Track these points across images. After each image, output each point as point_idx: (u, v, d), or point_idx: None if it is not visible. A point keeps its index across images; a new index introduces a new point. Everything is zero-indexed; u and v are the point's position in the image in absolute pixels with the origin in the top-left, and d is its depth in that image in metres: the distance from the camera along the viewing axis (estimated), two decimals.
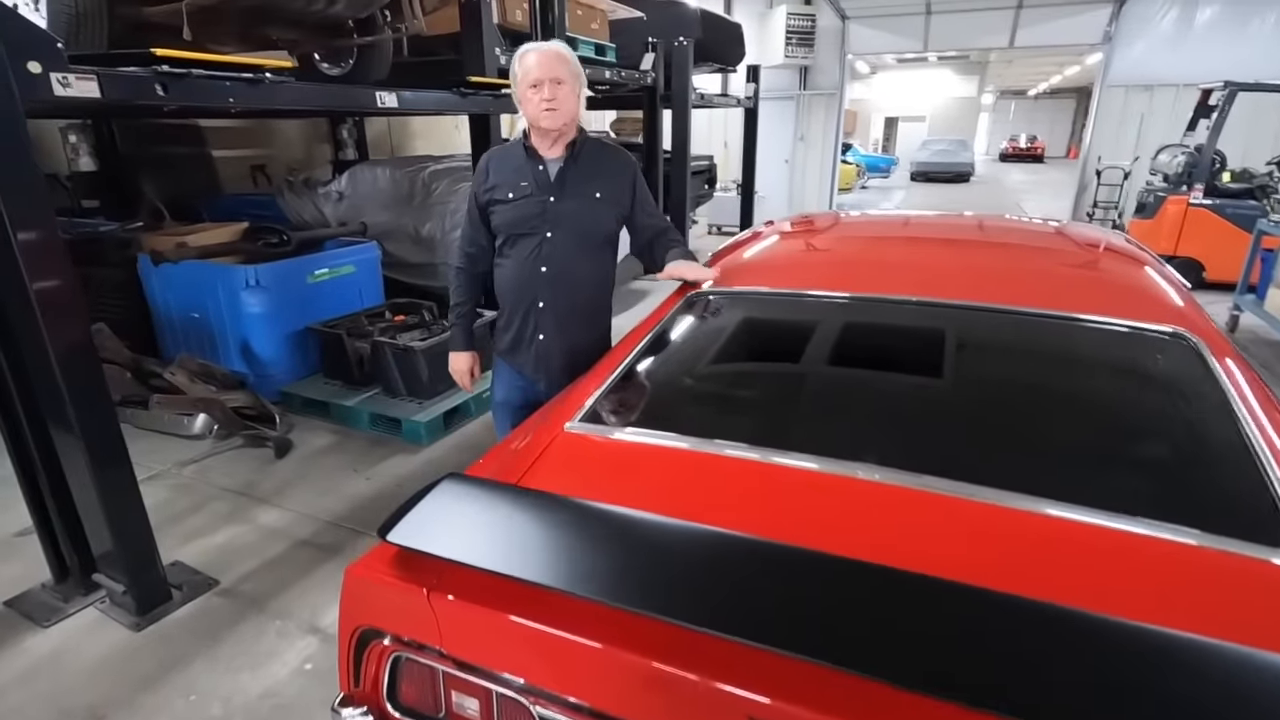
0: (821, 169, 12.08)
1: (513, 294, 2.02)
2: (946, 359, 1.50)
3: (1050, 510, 1.03)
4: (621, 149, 2.07)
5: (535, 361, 2.04)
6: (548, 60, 1.84)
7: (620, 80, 6.09)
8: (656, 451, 1.25)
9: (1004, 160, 30.67)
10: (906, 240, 2.41)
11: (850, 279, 1.84)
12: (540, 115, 1.85)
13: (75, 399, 2.08)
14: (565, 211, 1.93)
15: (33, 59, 1.91)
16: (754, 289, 1.85)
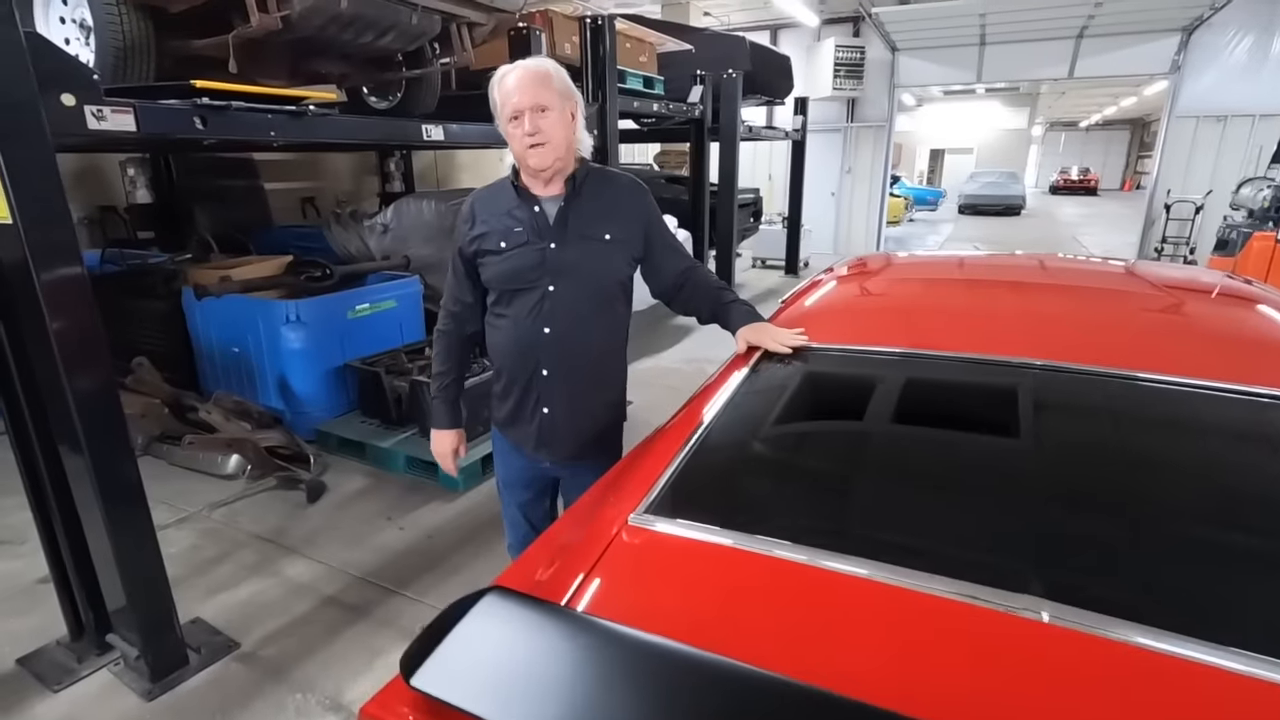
0: (869, 202, 11.80)
1: (510, 360, 1.69)
2: (1105, 450, 1.24)
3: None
4: (630, 176, 1.75)
5: (539, 438, 1.72)
6: (527, 84, 1.51)
7: (667, 113, 5.97)
8: (750, 560, 1.01)
9: (1055, 193, 29.85)
10: (996, 287, 2.14)
11: (961, 335, 1.59)
12: (527, 154, 1.54)
13: (92, 447, 1.93)
14: (569, 260, 1.60)
15: (67, 91, 1.81)
16: (846, 347, 1.58)
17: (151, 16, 2.56)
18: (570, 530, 1.17)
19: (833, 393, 1.51)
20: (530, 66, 1.54)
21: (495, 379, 1.78)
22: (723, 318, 1.75)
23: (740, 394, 1.47)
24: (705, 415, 1.38)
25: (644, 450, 1.39)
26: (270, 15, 2.54)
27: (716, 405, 1.41)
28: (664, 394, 4.83)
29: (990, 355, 1.46)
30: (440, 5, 3.13)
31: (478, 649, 0.84)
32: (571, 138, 1.58)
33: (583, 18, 4.27)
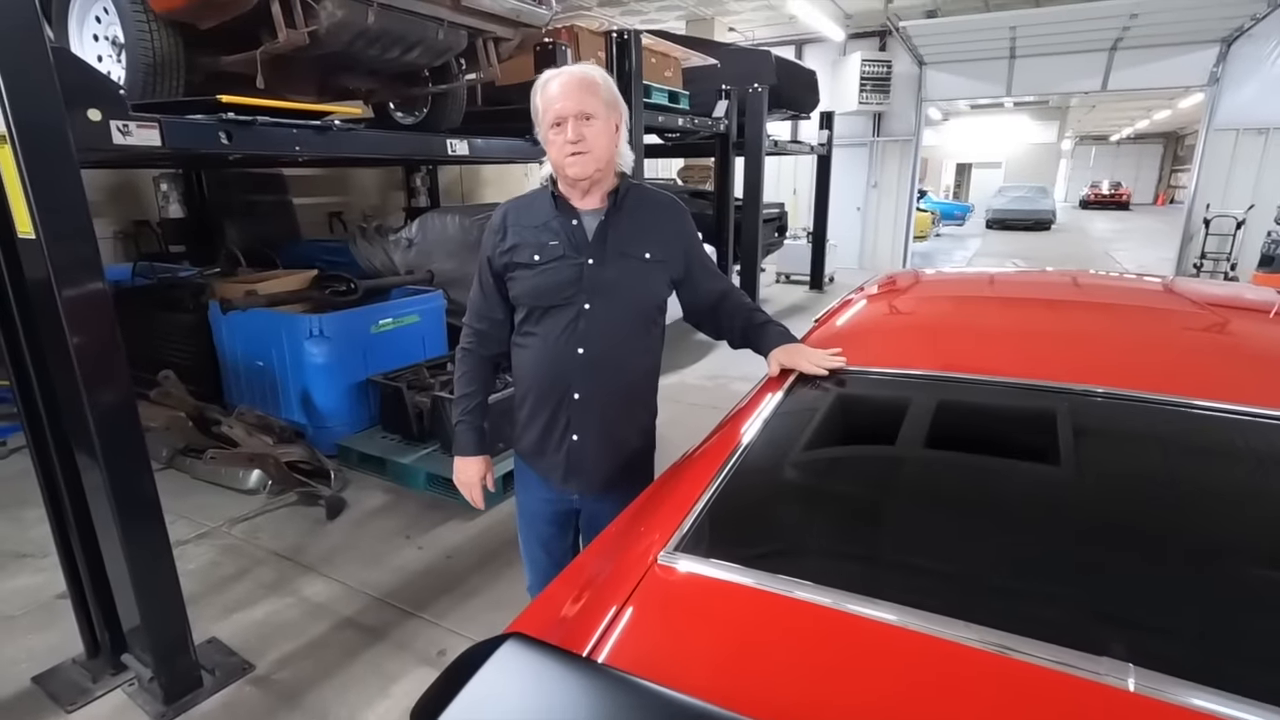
0: (896, 217, 11.64)
1: (539, 382, 1.58)
2: (1162, 486, 1.14)
3: None
4: (671, 196, 1.68)
5: (567, 469, 1.60)
6: (573, 90, 1.44)
7: (692, 127, 5.94)
8: (788, 606, 0.92)
9: (1085, 207, 29.33)
10: (1037, 305, 2.04)
11: (1003, 358, 1.49)
12: (565, 162, 1.46)
13: (109, 463, 1.91)
14: (607, 277, 1.51)
15: (92, 106, 1.81)
16: (884, 370, 1.50)
17: (181, 33, 2.57)
18: (594, 568, 1.09)
19: (871, 418, 1.42)
20: (577, 72, 1.47)
21: (520, 402, 1.66)
22: (755, 340, 1.67)
23: (774, 420, 1.38)
24: (737, 442, 1.30)
25: (673, 480, 1.31)
26: (297, 31, 2.54)
27: (750, 432, 1.33)
28: (687, 411, 4.76)
29: (1035, 380, 1.37)
30: (466, 20, 3.12)
31: (495, 704, 0.77)
32: (614, 150, 1.51)
33: (608, 32, 4.25)
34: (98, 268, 1.83)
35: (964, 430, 1.33)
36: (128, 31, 2.49)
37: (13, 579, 2.85)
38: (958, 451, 1.29)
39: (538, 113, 1.49)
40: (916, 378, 1.45)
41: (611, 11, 10.07)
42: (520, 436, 1.69)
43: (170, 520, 3.28)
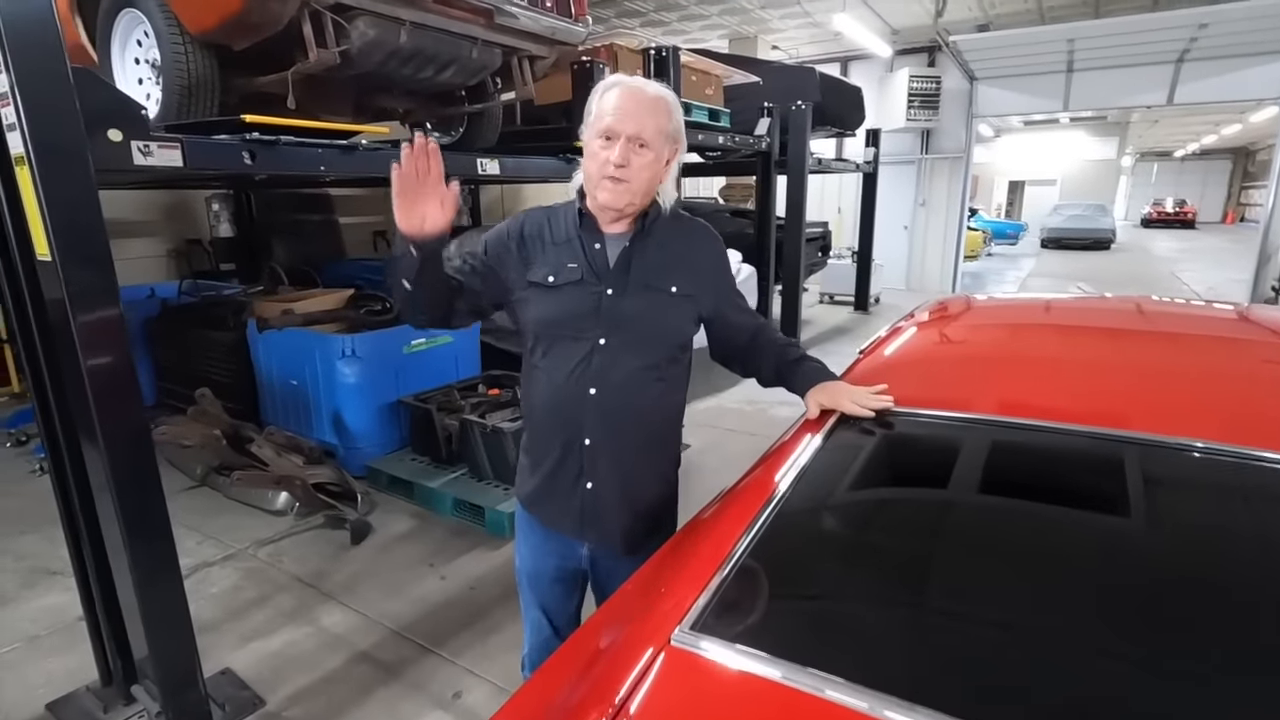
0: (945, 236, 11.27)
1: (547, 421, 1.43)
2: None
3: None
4: (705, 223, 1.52)
5: (580, 518, 1.44)
6: (635, 108, 1.28)
7: (733, 145, 5.82)
8: (825, 711, 0.77)
9: (1147, 226, 28.14)
10: (1106, 338, 1.83)
11: (1074, 401, 1.31)
12: (601, 184, 1.30)
13: (120, 490, 1.85)
14: (628, 311, 1.35)
15: (114, 127, 1.78)
16: (938, 414, 1.32)
17: (216, 55, 2.57)
18: (599, 644, 0.95)
19: (924, 470, 1.25)
20: (647, 91, 1.31)
21: (527, 441, 1.52)
22: (789, 377, 1.50)
23: (811, 469, 1.23)
24: (769, 495, 1.15)
25: (694, 538, 1.16)
26: (328, 51, 2.51)
27: (783, 483, 1.18)
28: (722, 437, 4.59)
29: (1112, 430, 1.18)
30: (500, 39, 3.07)
31: None
32: (656, 185, 1.37)
33: (647, 49, 4.18)
34: (113, 291, 1.79)
35: (1034, 489, 1.15)
36: (164, 53, 2.50)
37: (41, 597, 2.86)
38: (1027, 515, 1.11)
39: (589, 116, 1.34)
40: (975, 422, 1.28)
41: (654, 31, 10.09)
42: (525, 480, 1.52)
43: (198, 541, 3.31)
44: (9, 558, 3.16)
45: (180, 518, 3.46)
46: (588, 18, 3.39)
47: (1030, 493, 1.16)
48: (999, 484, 1.15)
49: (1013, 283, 12.94)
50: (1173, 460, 1.14)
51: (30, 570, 3.04)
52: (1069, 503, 1.12)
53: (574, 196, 1.42)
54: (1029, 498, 1.15)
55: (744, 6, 9.17)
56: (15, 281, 1.88)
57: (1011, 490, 1.14)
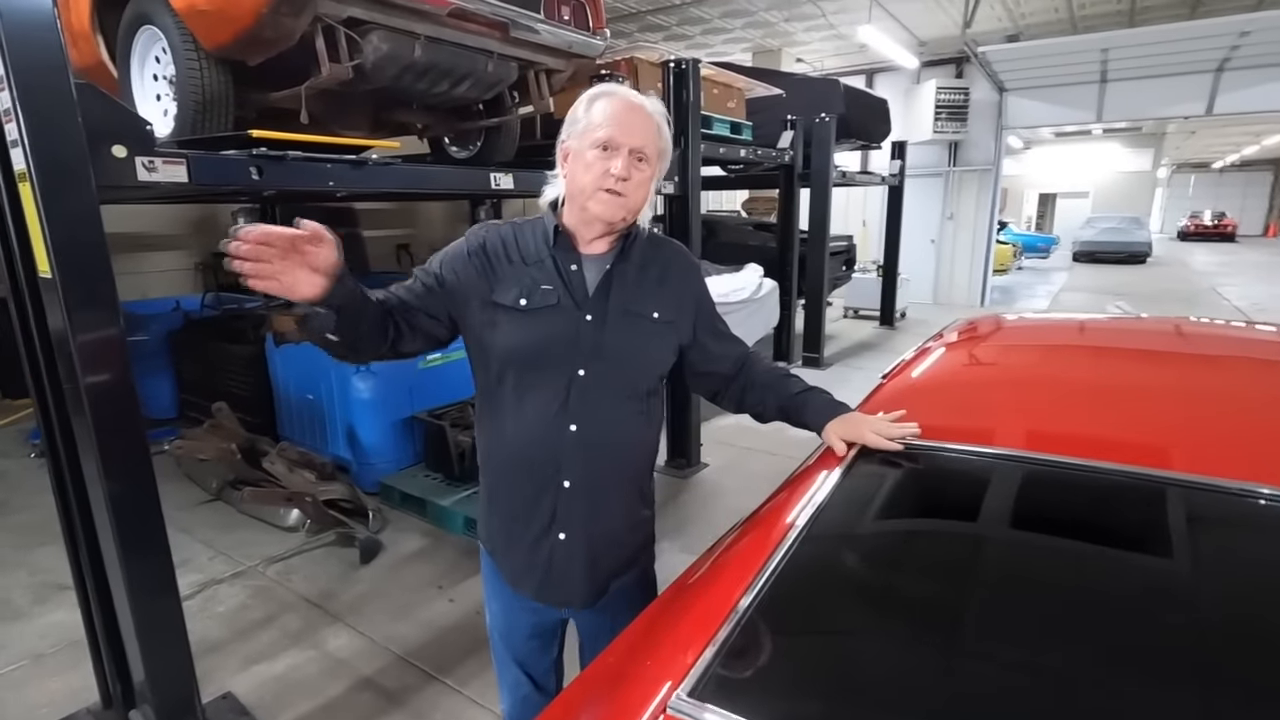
0: (974, 249, 11.05)
1: (518, 466, 1.28)
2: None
3: None
4: (679, 244, 1.42)
5: (547, 576, 1.30)
6: (636, 121, 1.20)
7: (755, 158, 5.74)
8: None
9: (1184, 239, 27.42)
10: (1155, 364, 1.71)
11: (1123, 438, 1.20)
12: (597, 195, 1.20)
13: (118, 512, 1.81)
14: (610, 340, 1.24)
15: (118, 142, 1.76)
16: (972, 449, 1.21)
17: (231, 70, 2.56)
18: (586, 709, 0.86)
19: (954, 513, 1.15)
20: (647, 107, 1.23)
21: (489, 490, 1.36)
22: (797, 412, 1.37)
23: (827, 511, 1.13)
24: (779, 539, 1.06)
25: (694, 587, 1.07)
26: (341, 65, 2.49)
27: (795, 527, 1.08)
28: (741, 456, 4.47)
29: (1166, 472, 1.07)
30: (516, 52, 3.03)
31: None
32: (644, 203, 1.28)
33: (666, 62, 4.12)
34: (114, 309, 1.76)
35: (1077, 535, 1.04)
36: (179, 69, 2.49)
37: (51, 613, 2.84)
38: (1072, 567, 1.00)
39: (577, 124, 1.23)
40: (1009, 459, 1.17)
41: (676, 46, 10.08)
42: (487, 528, 1.40)
43: (210, 556, 3.29)
44: (24, 571, 3.16)
45: (194, 532, 3.49)
46: (606, 31, 3.34)
47: (1073, 540, 1.05)
48: (1037, 530, 1.04)
49: (1044, 297, 12.62)
50: (1227, 506, 1.03)
51: (43, 584, 3.03)
52: (1117, 554, 1.01)
53: (545, 211, 1.32)
54: (1072, 546, 1.04)
55: (768, 20, 9.12)
56: (20, 298, 1.85)
57: (1052, 538, 1.03)
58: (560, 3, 3.05)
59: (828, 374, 6.86)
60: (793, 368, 7.03)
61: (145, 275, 6.64)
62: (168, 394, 5.14)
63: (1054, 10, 8.73)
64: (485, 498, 1.39)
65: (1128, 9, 8.68)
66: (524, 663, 1.46)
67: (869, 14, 8.36)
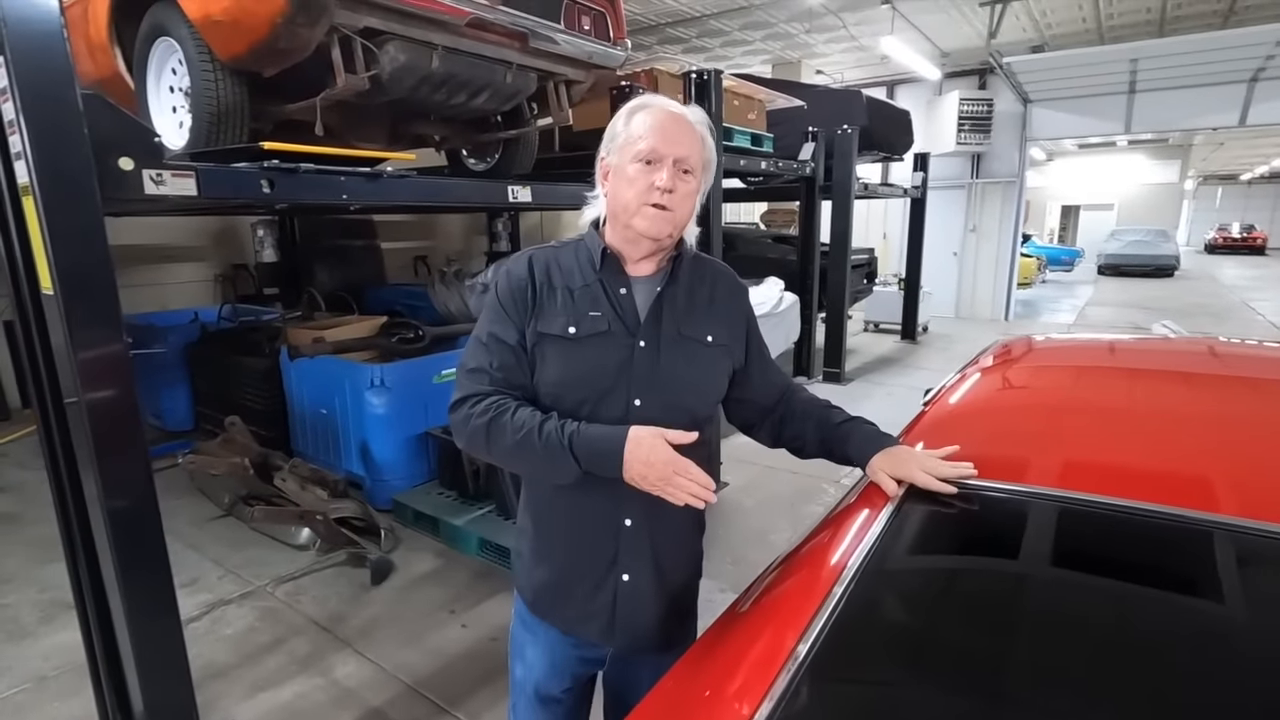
0: (997, 262, 10.85)
1: (570, 510, 1.19)
2: None
3: None
4: (722, 263, 1.35)
5: (610, 618, 1.20)
6: (681, 133, 1.13)
7: (776, 171, 5.65)
8: None
9: (1211, 252, 26.90)
10: (1234, 395, 1.58)
11: (1210, 481, 1.07)
12: (642, 211, 1.12)
13: (117, 538, 1.75)
14: (665, 366, 1.16)
15: (125, 155, 1.70)
16: (1043, 491, 1.08)
17: (247, 82, 2.52)
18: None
19: (1026, 560, 1.03)
20: (689, 116, 1.16)
21: (536, 532, 1.26)
22: (839, 443, 1.26)
23: (882, 554, 1.02)
24: (831, 584, 0.95)
25: (742, 632, 0.96)
26: (357, 76, 2.44)
27: (847, 569, 0.97)
28: (762, 475, 4.35)
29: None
30: (535, 63, 2.97)
31: None
32: (691, 217, 1.21)
33: (687, 73, 4.05)
34: (117, 326, 1.70)
35: (1170, 588, 0.92)
36: (194, 80, 2.46)
37: (57, 633, 2.78)
38: (1176, 638, 0.88)
39: (616, 139, 1.16)
40: (1086, 504, 1.05)
41: (696, 58, 10.04)
42: (530, 576, 1.27)
43: (220, 575, 3.22)
44: (33, 587, 3.12)
45: (205, 549, 3.43)
46: (626, 41, 3.28)
47: (1162, 592, 0.93)
48: (1121, 581, 0.93)
49: (1069, 311, 12.36)
50: None
51: (50, 602, 2.98)
52: (1218, 612, 0.89)
53: (587, 231, 1.24)
54: (1163, 601, 0.92)
55: (788, 31, 9.05)
56: (24, 313, 1.80)
57: (1141, 591, 0.91)
58: (580, 12, 2.99)
59: (849, 389, 6.71)
60: (813, 383, 6.89)
61: (166, 287, 6.68)
62: (184, 406, 5.12)
63: (1081, 21, 8.58)
64: (530, 545, 1.28)
65: (1157, 19, 8.51)
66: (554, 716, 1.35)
67: (891, 25, 8.27)
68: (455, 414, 1.17)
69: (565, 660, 1.29)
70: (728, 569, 3.16)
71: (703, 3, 8.05)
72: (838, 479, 4.17)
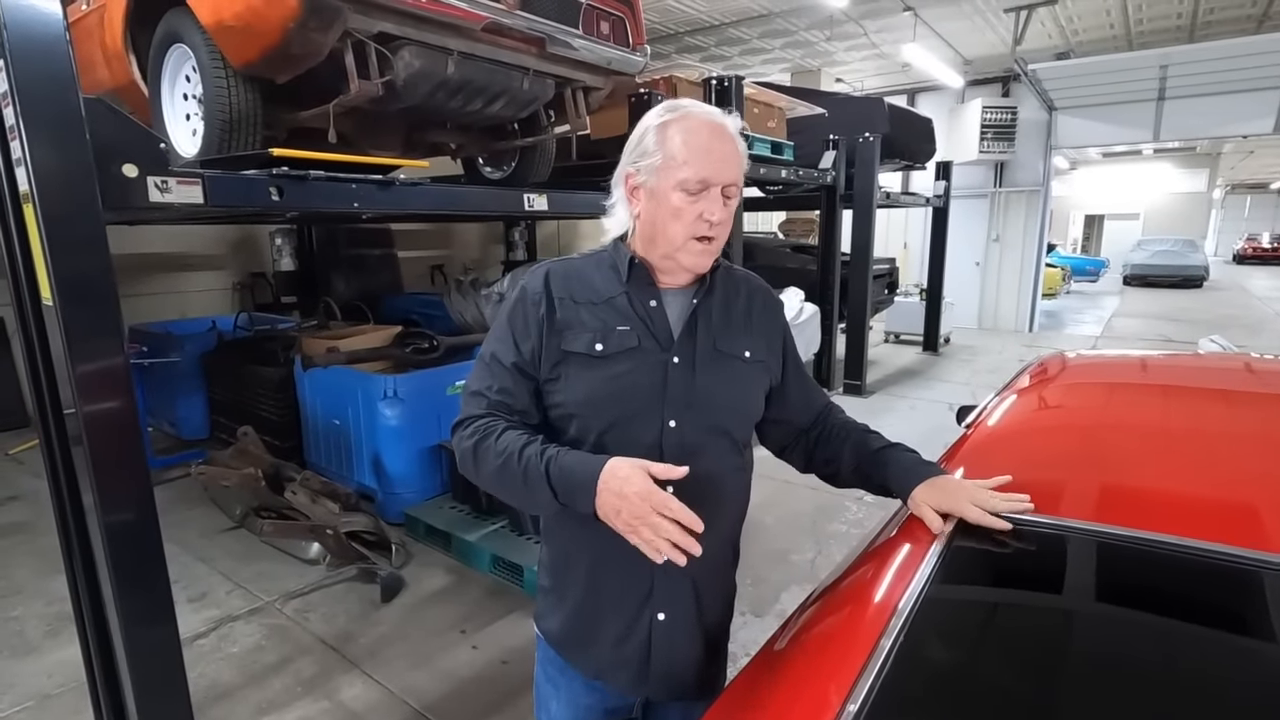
0: (1021, 272, 10.63)
1: (600, 542, 1.02)
2: None
3: None
4: (755, 275, 1.25)
5: (645, 664, 1.10)
6: (727, 150, 1.04)
7: (796, 179, 5.55)
8: None
9: (1240, 262, 26.34)
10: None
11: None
12: (687, 246, 1.04)
13: (116, 558, 1.68)
14: (702, 384, 1.07)
15: (129, 161, 1.65)
16: (1115, 531, 0.98)
17: (260, 89, 2.48)
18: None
19: (1102, 610, 0.92)
20: (729, 128, 1.06)
21: (561, 566, 1.16)
22: (877, 470, 1.16)
23: (933, 599, 0.91)
24: (878, 638, 0.84)
25: (783, 679, 0.86)
26: (371, 82, 2.38)
27: (897, 621, 0.87)
28: (782, 490, 4.22)
29: None
30: (552, 69, 2.91)
31: None
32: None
33: (707, 80, 3.98)
34: (118, 339, 1.64)
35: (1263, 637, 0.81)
36: (207, 87, 2.42)
37: (63, 648, 2.73)
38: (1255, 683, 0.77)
39: (649, 155, 1.05)
40: (1162, 546, 0.94)
41: (714, 67, 9.99)
42: (553, 613, 1.17)
43: (228, 590, 3.16)
44: (40, 600, 3.08)
45: (215, 562, 3.37)
46: (646, 47, 3.21)
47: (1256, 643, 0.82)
48: (1213, 636, 0.82)
49: (1095, 323, 12.09)
50: None
51: (58, 615, 2.93)
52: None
53: (609, 244, 1.15)
54: (1256, 652, 0.81)
55: (808, 39, 8.97)
56: (25, 323, 1.75)
57: (1241, 653, 0.80)
58: (599, 17, 2.93)
59: (870, 402, 6.57)
60: (833, 395, 6.76)
61: (185, 295, 6.71)
62: (200, 415, 5.10)
63: (1109, 27, 8.42)
64: (551, 578, 1.18)
65: (1188, 24, 8.33)
66: None
67: (913, 33, 8.16)
68: (453, 437, 1.12)
69: (589, 714, 1.18)
70: (748, 589, 3.05)
71: (722, 10, 7.99)
72: (860, 495, 4.04)
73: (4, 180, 1.60)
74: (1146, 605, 0.94)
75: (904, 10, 7.66)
